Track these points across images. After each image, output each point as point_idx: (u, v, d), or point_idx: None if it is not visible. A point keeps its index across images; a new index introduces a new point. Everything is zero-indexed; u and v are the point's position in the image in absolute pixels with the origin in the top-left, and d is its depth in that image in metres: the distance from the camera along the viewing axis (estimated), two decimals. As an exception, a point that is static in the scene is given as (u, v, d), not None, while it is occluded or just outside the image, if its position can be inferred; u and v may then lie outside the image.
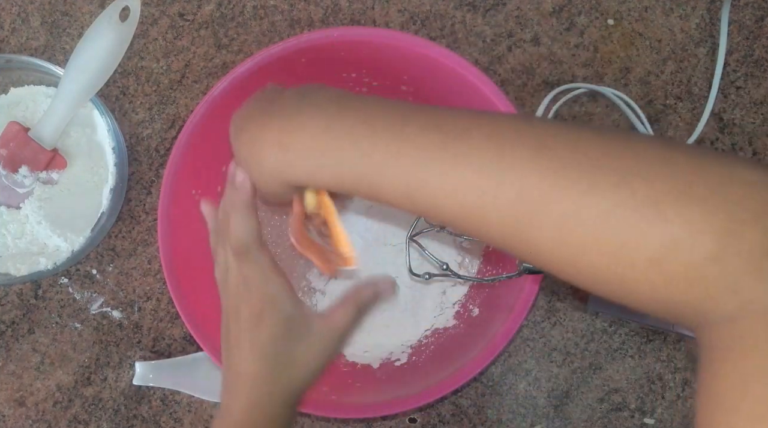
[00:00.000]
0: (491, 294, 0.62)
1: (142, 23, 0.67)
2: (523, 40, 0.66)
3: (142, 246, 0.68)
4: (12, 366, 0.68)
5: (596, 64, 0.66)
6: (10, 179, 0.65)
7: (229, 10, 0.68)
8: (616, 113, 0.66)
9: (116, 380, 0.67)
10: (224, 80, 0.56)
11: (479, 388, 0.66)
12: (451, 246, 0.64)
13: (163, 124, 0.68)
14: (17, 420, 0.68)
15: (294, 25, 0.67)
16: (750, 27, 0.66)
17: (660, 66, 0.66)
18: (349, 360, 0.64)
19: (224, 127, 0.60)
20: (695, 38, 0.66)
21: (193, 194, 0.60)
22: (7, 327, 0.68)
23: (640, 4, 0.66)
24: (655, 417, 0.65)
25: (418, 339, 0.64)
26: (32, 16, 0.69)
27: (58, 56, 0.68)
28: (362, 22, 0.67)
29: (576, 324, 0.66)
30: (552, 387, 0.66)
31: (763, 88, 0.66)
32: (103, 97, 0.67)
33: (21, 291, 0.68)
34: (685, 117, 0.66)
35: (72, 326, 0.68)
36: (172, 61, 0.68)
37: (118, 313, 0.67)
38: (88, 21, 0.68)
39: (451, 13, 0.67)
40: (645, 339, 0.65)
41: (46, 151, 0.63)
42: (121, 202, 0.66)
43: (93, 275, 0.68)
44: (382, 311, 0.64)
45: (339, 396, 0.58)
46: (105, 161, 0.65)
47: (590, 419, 0.66)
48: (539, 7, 0.66)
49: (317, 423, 0.67)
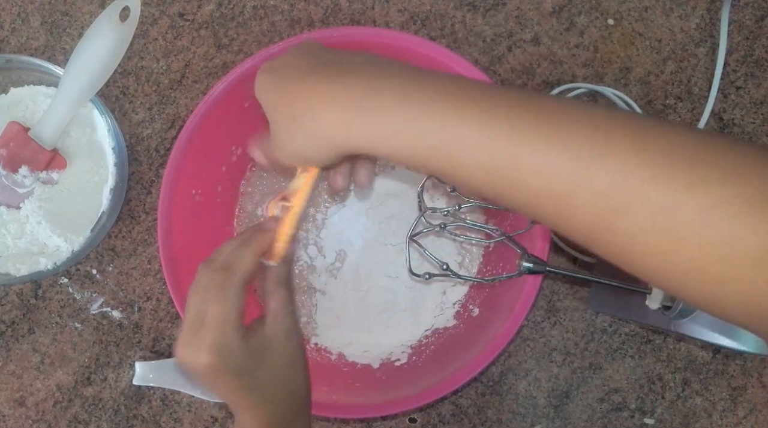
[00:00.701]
0: (491, 294, 0.62)
1: (142, 23, 0.67)
2: (523, 40, 0.66)
3: (142, 246, 0.68)
4: (12, 366, 0.68)
5: (596, 64, 0.66)
6: (10, 179, 0.65)
7: (229, 10, 0.68)
8: (616, 113, 0.66)
9: (116, 380, 0.67)
10: (224, 80, 0.56)
11: (479, 388, 0.66)
12: (451, 246, 0.64)
13: (163, 124, 0.68)
14: (17, 420, 0.68)
15: (294, 25, 0.67)
16: (750, 27, 0.66)
17: (660, 66, 0.66)
18: (349, 360, 0.64)
19: (224, 127, 0.60)
20: (695, 38, 0.66)
21: (193, 194, 0.60)
22: (7, 327, 0.68)
23: (640, 4, 0.66)
24: (655, 417, 0.65)
25: (418, 339, 0.64)
26: (32, 16, 0.69)
27: (58, 56, 0.68)
28: (362, 22, 0.67)
29: (576, 324, 0.66)
30: (552, 387, 0.66)
31: (763, 88, 0.66)
32: (103, 97, 0.67)
33: (21, 291, 0.68)
34: (685, 117, 0.66)
35: (72, 326, 0.68)
36: (172, 61, 0.68)
37: (118, 313, 0.67)
38: (88, 21, 0.68)
39: (451, 13, 0.67)
40: (645, 339, 0.65)
41: (46, 151, 0.63)
42: (121, 202, 0.66)
43: (93, 275, 0.68)
44: (382, 311, 0.64)
45: (339, 396, 0.58)
46: (105, 161, 0.65)
47: (590, 419, 0.66)
48: (539, 7, 0.66)
49: (317, 423, 0.67)
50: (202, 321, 0.42)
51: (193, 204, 0.60)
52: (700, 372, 0.65)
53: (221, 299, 0.42)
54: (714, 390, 0.65)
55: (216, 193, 0.63)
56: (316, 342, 0.65)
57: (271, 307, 0.45)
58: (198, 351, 0.42)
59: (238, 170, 0.66)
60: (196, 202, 0.60)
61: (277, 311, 0.45)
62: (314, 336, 0.65)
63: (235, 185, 0.66)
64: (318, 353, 0.64)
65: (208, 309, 0.42)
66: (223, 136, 0.61)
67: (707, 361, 0.65)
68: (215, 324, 0.42)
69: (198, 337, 0.42)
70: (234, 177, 0.66)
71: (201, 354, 0.41)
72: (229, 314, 0.42)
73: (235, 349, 0.42)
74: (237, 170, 0.65)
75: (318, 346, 0.65)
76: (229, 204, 0.66)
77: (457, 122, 0.33)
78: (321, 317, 0.65)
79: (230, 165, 0.64)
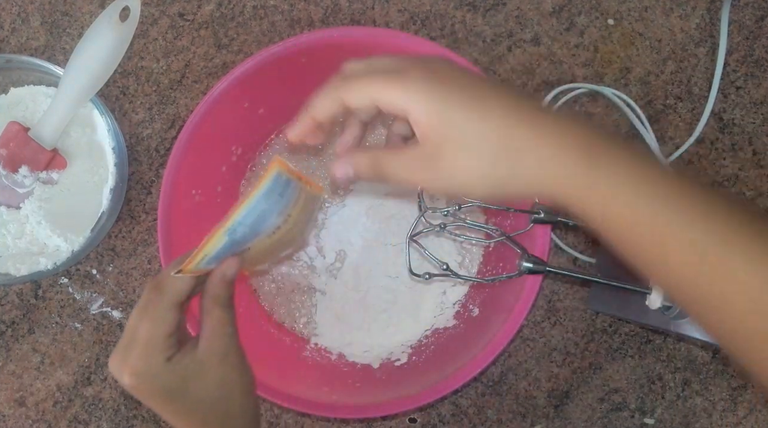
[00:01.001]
0: (491, 294, 0.62)
1: (142, 23, 0.67)
2: (523, 40, 0.66)
3: (142, 246, 0.68)
4: (12, 366, 0.68)
5: (596, 64, 0.66)
6: (10, 179, 0.65)
7: (229, 10, 0.68)
8: (616, 113, 0.66)
9: (116, 380, 0.67)
10: (224, 80, 0.56)
11: (479, 388, 0.66)
12: (451, 246, 0.64)
13: (163, 124, 0.68)
14: (17, 420, 0.68)
15: (294, 25, 0.67)
16: (750, 27, 0.66)
17: (660, 66, 0.66)
18: (349, 360, 0.64)
19: (224, 127, 0.60)
20: (695, 38, 0.66)
21: (193, 194, 0.60)
22: (7, 327, 0.68)
23: (640, 4, 0.66)
24: (655, 417, 0.65)
25: (418, 339, 0.64)
26: (32, 16, 0.69)
27: (58, 56, 0.68)
28: (362, 22, 0.67)
29: (576, 324, 0.66)
30: (552, 387, 0.66)
31: (763, 88, 0.66)
32: (103, 97, 0.67)
33: (21, 291, 0.68)
34: (685, 117, 0.66)
35: (72, 326, 0.68)
36: (172, 61, 0.68)
37: (118, 313, 0.67)
38: (88, 21, 0.68)
39: (451, 13, 0.67)
40: (645, 339, 0.65)
41: (46, 151, 0.63)
42: (121, 202, 0.66)
43: (93, 275, 0.68)
44: (382, 311, 0.64)
45: (339, 396, 0.58)
46: (105, 161, 0.65)
47: (590, 419, 0.66)
48: (539, 7, 0.66)
49: (317, 423, 0.67)
50: (133, 338, 0.42)
51: (193, 204, 0.60)
52: (700, 372, 0.65)
53: (151, 319, 0.42)
54: (714, 390, 0.65)
55: (216, 192, 0.63)
56: (316, 342, 0.65)
57: (205, 327, 0.44)
58: (122, 371, 0.41)
59: (238, 170, 0.66)
60: (196, 202, 0.60)
61: (211, 331, 0.43)
62: (314, 336, 0.65)
63: (235, 185, 0.66)
64: (318, 353, 0.64)
65: (138, 327, 0.42)
66: (223, 136, 0.61)
67: (707, 361, 0.65)
68: (141, 344, 0.41)
69: (126, 355, 0.42)
70: (234, 177, 0.66)
71: (124, 375, 0.41)
72: (157, 334, 0.41)
73: (159, 372, 0.41)
74: (237, 170, 0.65)
75: (318, 346, 0.65)
76: (229, 204, 0.65)
77: (601, 177, 0.34)
78: (321, 317, 0.65)
79: (230, 165, 0.64)
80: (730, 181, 0.65)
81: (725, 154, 0.66)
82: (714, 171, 0.66)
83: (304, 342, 0.65)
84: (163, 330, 0.41)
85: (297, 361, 0.63)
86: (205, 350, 0.43)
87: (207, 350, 0.43)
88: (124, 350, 0.42)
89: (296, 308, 0.65)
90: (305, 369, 0.63)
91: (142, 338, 0.41)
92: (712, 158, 0.66)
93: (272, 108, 0.62)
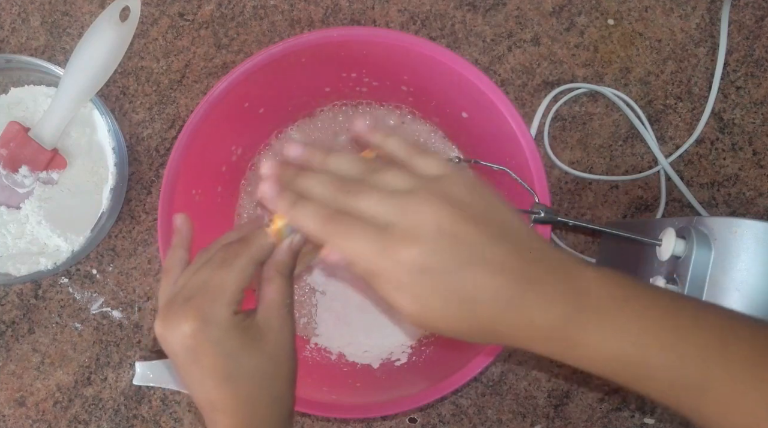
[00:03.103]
0: (491, 294, 0.62)
1: (142, 23, 0.67)
2: (523, 40, 0.66)
3: (142, 246, 0.68)
4: (12, 366, 0.68)
5: (596, 64, 0.66)
6: (10, 179, 0.65)
7: (229, 10, 0.68)
8: (616, 113, 0.66)
9: (116, 380, 0.67)
10: (224, 80, 0.56)
11: (479, 388, 0.66)
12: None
13: (163, 124, 0.68)
14: (17, 420, 0.68)
15: (294, 25, 0.67)
16: (750, 27, 0.66)
17: (660, 66, 0.66)
18: (349, 360, 0.64)
19: (224, 127, 0.60)
20: (695, 38, 0.66)
21: (193, 194, 0.60)
22: (7, 327, 0.68)
23: (640, 4, 0.66)
24: (655, 417, 0.65)
25: (418, 339, 0.64)
26: (32, 16, 0.69)
27: (58, 56, 0.68)
28: (362, 22, 0.67)
29: (576, 324, 0.65)
30: (552, 387, 0.66)
31: (763, 88, 0.66)
32: (103, 97, 0.67)
33: (21, 291, 0.68)
34: (685, 117, 0.66)
35: (72, 326, 0.68)
36: (172, 61, 0.68)
37: (118, 313, 0.67)
38: (88, 21, 0.68)
39: (451, 13, 0.67)
40: (645, 339, 0.65)
41: (46, 151, 0.63)
42: (121, 202, 0.66)
43: (93, 275, 0.68)
44: (382, 311, 0.64)
45: (339, 396, 0.58)
46: (105, 161, 0.65)
47: (590, 419, 0.66)
48: (539, 7, 0.66)
49: (317, 423, 0.67)
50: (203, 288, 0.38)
51: (193, 204, 0.60)
52: (700, 372, 0.65)
53: (230, 269, 0.39)
54: (714, 390, 0.65)
55: (216, 192, 0.63)
56: (316, 342, 0.65)
57: (266, 295, 0.40)
58: (185, 315, 0.37)
59: (238, 170, 0.66)
60: (196, 202, 0.60)
61: (270, 300, 0.40)
62: (314, 336, 0.65)
63: (235, 185, 0.66)
64: (318, 353, 0.64)
65: (212, 278, 0.38)
66: (223, 136, 0.61)
67: (707, 361, 0.65)
68: (212, 292, 0.38)
69: (186, 305, 0.38)
70: (234, 177, 0.66)
71: (185, 322, 0.37)
72: (233, 282, 0.38)
73: (223, 321, 0.38)
74: (237, 170, 0.65)
75: (318, 346, 0.65)
76: (229, 204, 0.66)
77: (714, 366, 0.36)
78: (321, 317, 0.65)
79: (230, 165, 0.64)
80: (730, 181, 0.65)
81: (725, 154, 0.66)
82: (714, 171, 0.66)
83: (304, 342, 0.65)
84: (241, 280, 0.39)
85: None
86: (264, 317, 0.40)
87: (267, 317, 0.40)
88: (185, 301, 0.38)
89: (296, 308, 0.66)
90: (305, 369, 0.63)
91: (215, 286, 0.38)
92: (712, 158, 0.66)
93: (272, 108, 0.62)
